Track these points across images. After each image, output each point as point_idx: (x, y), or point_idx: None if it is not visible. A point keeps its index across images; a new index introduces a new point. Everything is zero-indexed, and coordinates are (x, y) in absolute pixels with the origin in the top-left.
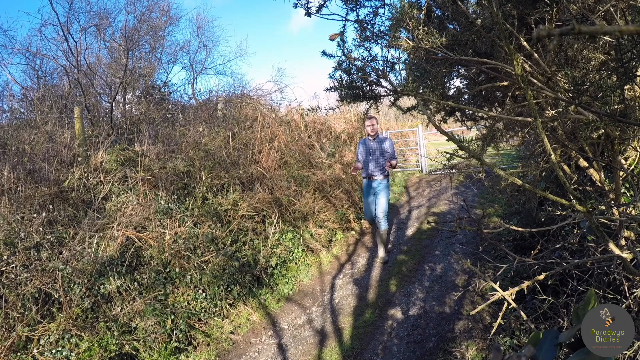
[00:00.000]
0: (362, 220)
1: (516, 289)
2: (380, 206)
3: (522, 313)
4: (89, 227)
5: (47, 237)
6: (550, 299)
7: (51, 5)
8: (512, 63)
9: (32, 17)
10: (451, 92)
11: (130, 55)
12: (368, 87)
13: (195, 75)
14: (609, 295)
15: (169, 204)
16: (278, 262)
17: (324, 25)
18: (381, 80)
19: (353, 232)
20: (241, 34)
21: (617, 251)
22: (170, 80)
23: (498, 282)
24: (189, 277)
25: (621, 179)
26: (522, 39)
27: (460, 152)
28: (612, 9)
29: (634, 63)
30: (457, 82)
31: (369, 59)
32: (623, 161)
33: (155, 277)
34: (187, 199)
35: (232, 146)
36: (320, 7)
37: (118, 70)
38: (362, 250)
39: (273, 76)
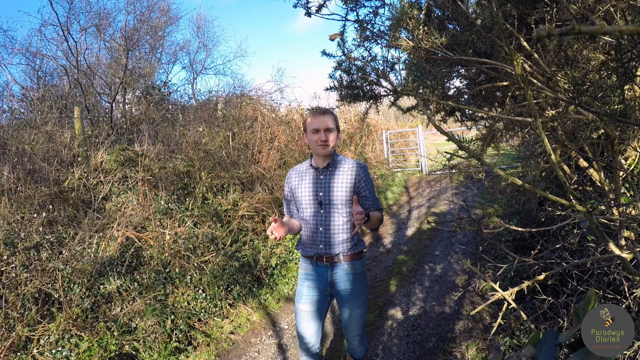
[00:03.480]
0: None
1: (516, 289)
2: (354, 324)
3: (522, 313)
4: (89, 227)
5: (47, 237)
6: (550, 299)
7: (51, 5)
8: (512, 63)
9: (32, 17)
10: (451, 92)
11: (130, 55)
12: (368, 87)
13: (195, 75)
14: (609, 295)
15: (169, 204)
16: (278, 262)
17: (332, 24)
18: (381, 80)
19: None
20: (242, 33)
21: (617, 251)
22: (170, 80)
23: (498, 282)
24: (189, 277)
25: (621, 179)
26: (522, 39)
27: (460, 152)
28: (612, 9)
29: (634, 63)
30: (457, 82)
31: (369, 58)
32: (623, 161)
33: (155, 277)
34: (187, 199)
35: (232, 146)
36: (320, 7)
37: (118, 70)
38: None
39: (273, 76)
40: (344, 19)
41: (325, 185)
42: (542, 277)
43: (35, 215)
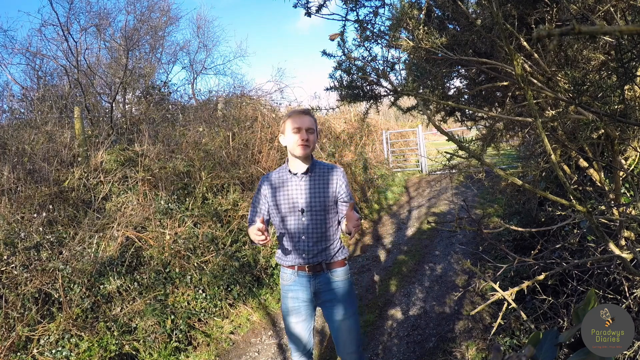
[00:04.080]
0: (362, 221)
1: (516, 289)
2: (347, 338)
3: (522, 313)
4: (89, 227)
5: (47, 237)
6: (550, 299)
7: (51, 5)
8: (512, 63)
9: (32, 17)
10: (451, 92)
11: (130, 55)
12: (368, 87)
13: (195, 75)
14: (609, 295)
15: (169, 204)
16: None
17: (333, 23)
18: (381, 80)
19: None
20: (242, 33)
21: (617, 251)
22: (170, 80)
23: (498, 282)
24: (189, 277)
25: (621, 179)
26: (522, 39)
27: (460, 152)
28: (612, 9)
29: (634, 63)
30: (457, 82)
31: (369, 58)
32: (623, 161)
33: (155, 277)
34: (187, 199)
35: (232, 146)
36: (320, 7)
37: (118, 70)
38: (361, 250)
39: (273, 76)
40: (344, 19)
41: (307, 191)
42: (542, 277)
43: (35, 215)
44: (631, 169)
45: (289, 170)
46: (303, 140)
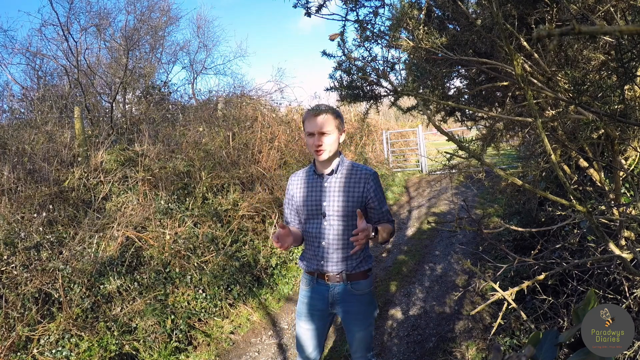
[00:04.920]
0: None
1: (516, 289)
2: (358, 346)
3: (522, 313)
4: (89, 227)
5: (47, 237)
6: (550, 299)
7: (51, 5)
8: (512, 63)
9: (32, 17)
10: (451, 92)
11: (130, 55)
12: (368, 87)
13: (195, 75)
14: (609, 295)
15: (169, 204)
16: (278, 262)
17: (333, 23)
18: (381, 80)
19: None
20: (242, 33)
21: (617, 251)
22: (170, 80)
23: (498, 282)
24: (189, 277)
25: (621, 179)
26: (522, 39)
27: (460, 152)
28: (612, 9)
29: (634, 63)
30: (457, 82)
31: (369, 59)
32: (623, 161)
33: (155, 277)
34: (187, 199)
35: (232, 146)
36: (320, 7)
37: (118, 70)
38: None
39: (273, 76)
40: (344, 19)
41: (329, 194)
42: (542, 277)
43: (35, 215)
44: (631, 169)
45: (314, 171)
46: (316, 145)
